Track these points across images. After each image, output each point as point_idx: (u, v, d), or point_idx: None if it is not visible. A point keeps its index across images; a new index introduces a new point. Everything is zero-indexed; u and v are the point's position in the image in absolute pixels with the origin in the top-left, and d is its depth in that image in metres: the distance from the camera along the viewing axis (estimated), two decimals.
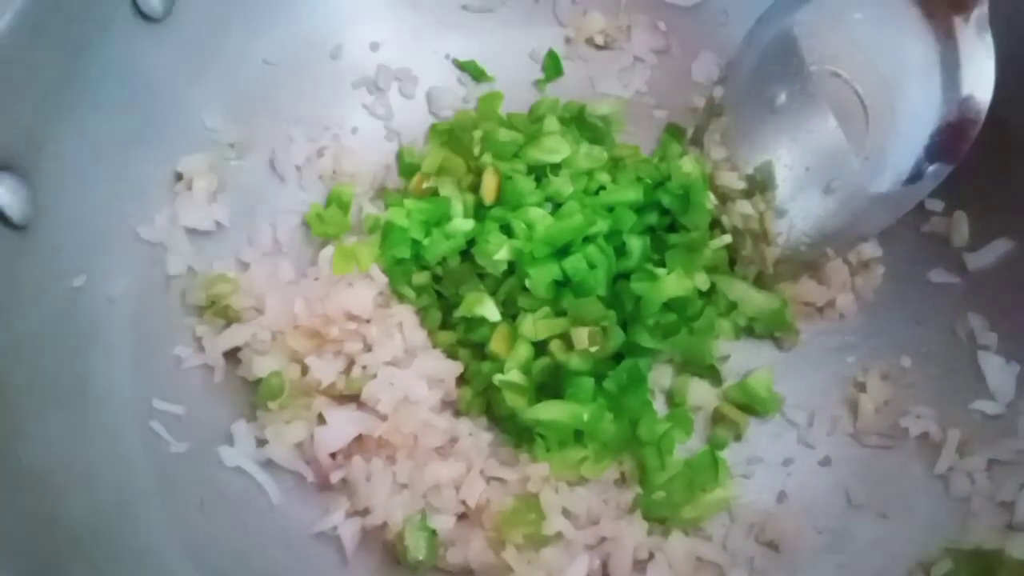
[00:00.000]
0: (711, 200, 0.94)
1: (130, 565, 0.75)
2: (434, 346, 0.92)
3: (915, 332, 0.95)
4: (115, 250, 0.86)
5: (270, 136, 1.00)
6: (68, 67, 0.81)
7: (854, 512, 0.88)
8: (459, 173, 0.98)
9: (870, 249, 0.98)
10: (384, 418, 0.85)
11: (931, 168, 0.81)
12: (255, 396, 0.87)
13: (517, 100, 1.07)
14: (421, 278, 0.93)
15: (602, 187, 0.95)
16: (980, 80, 0.78)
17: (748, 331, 0.97)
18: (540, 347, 0.88)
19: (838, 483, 0.90)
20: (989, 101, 0.77)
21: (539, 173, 0.95)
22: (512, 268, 0.90)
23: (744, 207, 0.93)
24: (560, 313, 0.88)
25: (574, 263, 0.87)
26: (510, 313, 0.90)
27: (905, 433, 0.90)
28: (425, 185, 0.98)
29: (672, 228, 0.94)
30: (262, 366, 0.86)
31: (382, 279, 0.92)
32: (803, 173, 0.88)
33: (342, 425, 0.85)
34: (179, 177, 0.93)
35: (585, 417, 0.85)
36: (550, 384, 0.88)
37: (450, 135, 1.02)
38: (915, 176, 0.81)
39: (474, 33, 1.09)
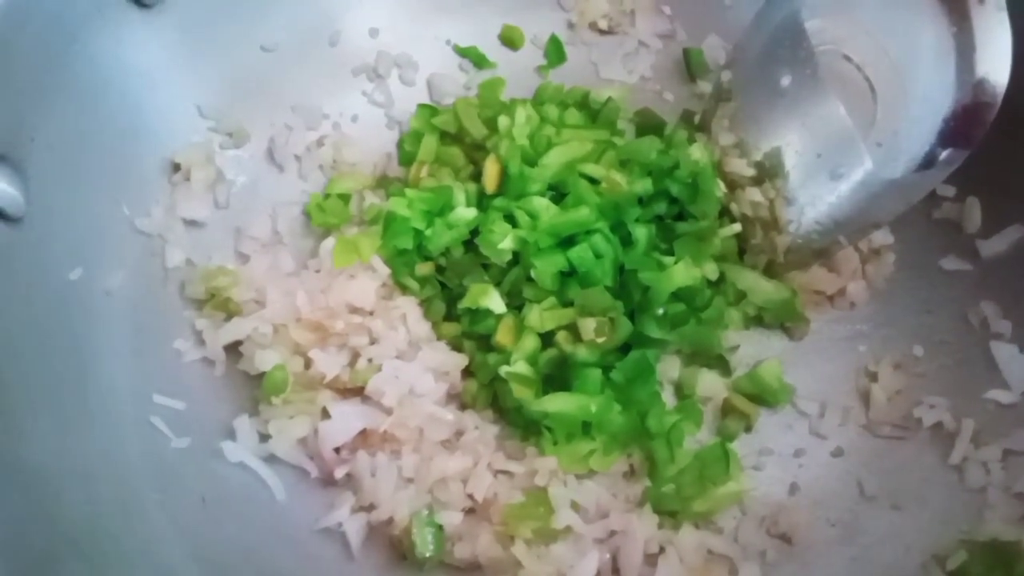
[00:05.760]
0: (720, 188, 0.92)
1: (130, 564, 0.73)
2: (438, 338, 0.91)
3: (927, 320, 0.94)
4: (112, 242, 0.85)
5: (268, 125, 0.99)
6: (60, 55, 0.80)
7: (867, 504, 0.88)
8: (457, 163, 0.97)
9: (881, 236, 0.96)
10: (389, 412, 0.84)
11: (945, 154, 0.79)
12: (257, 390, 0.86)
13: (520, 86, 1.05)
14: (424, 269, 0.91)
15: (606, 175, 0.93)
16: (996, 62, 0.76)
17: (758, 321, 0.96)
18: (546, 338, 0.87)
19: (851, 474, 0.89)
20: (1006, 84, 0.75)
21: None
22: (517, 258, 0.89)
23: (754, 194, 0.91)
24: (566, 303, 0.87)
25: (580, 253, 0.86)
26: (515, 304, 0.89)
27: (918, 423, 0.90)
28: (423, 174, 0.96)
29: (680, 217, 0.93)
30: (265, 360, 0.85)
31: (384, 270, 0.91)
32: (814, 160, 0.87)
33: (346, 419, 0.84)
34: (176, 167, 0.91)
35: (593, 409, 0.84)
36: (557, 376, 0.87)
37: (443, 123, 0.99)
38: (928, 162, 0.79)
39: (475, 18, 1.07)
